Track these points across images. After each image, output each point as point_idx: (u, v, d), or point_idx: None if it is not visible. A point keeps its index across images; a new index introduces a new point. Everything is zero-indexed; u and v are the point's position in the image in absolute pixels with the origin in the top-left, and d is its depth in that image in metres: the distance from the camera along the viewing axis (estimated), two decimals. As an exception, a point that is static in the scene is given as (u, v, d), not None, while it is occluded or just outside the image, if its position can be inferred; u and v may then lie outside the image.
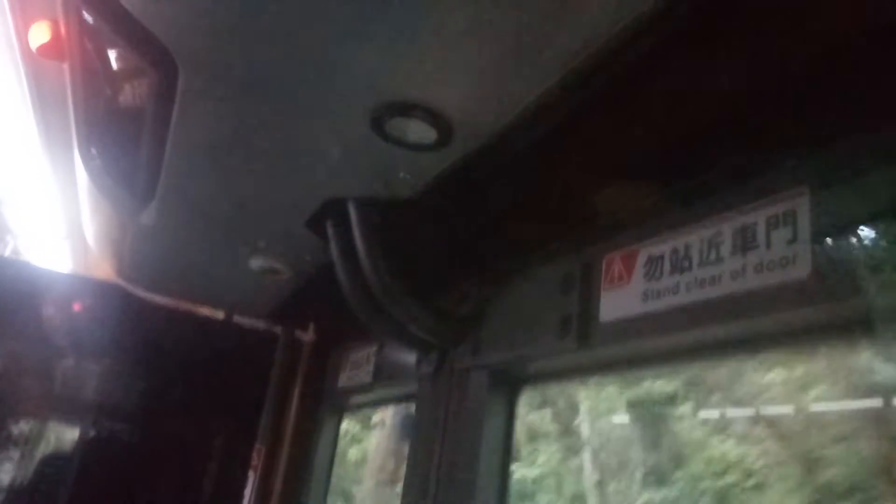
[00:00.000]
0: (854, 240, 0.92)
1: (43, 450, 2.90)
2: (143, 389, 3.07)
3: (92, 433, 2.93)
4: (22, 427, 2.87)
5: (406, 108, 1.19)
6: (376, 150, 1.34)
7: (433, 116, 1.20)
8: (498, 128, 1.23)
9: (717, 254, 1.12)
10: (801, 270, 0.97)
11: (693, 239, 1.18)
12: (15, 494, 2.81)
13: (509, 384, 1.70)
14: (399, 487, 1.94)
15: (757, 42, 0.95)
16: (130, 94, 1.42)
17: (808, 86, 0.95)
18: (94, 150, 1.70)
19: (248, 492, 2.74)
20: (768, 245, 1.03)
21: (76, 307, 2.86)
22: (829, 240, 0.95)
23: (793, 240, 1.00)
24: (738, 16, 0.94)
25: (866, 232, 0.91)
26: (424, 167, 1.40)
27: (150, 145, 1.48)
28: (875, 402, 1.70)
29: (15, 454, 2.84)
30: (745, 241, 1.08)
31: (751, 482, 2.48)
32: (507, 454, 1.64)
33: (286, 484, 2.69)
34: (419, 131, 1.25)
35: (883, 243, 0.89)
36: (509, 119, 1.20)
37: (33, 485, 2.85)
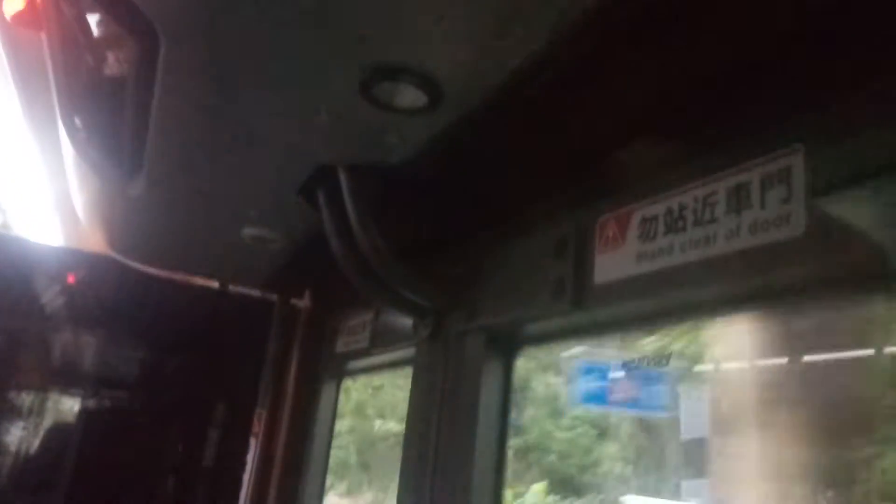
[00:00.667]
0: (848, 198, 0.92)
1: (44, 421, 2.92)
2: (141, 360, 3.09)
3: (92, 403, 2.95)
4: (23, 399, 2.89)
5: (395, 72, 1.17)
6: (366, 116, 1.32)
7: (422, 80, 1.18)
8: (489, 90, 1.21)
9: (711, 214, 1.12)
10: (795, 229, 0.96)
11: (687, 199, 1.18)
12: (18, 464, 2.84)
13: (505, 346, 1.71)
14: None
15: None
16: (112, 63, 1.39)
17: (803, 43, 0.93)
18: (77, 122, 1.66)
19: (250, 457, 2.78)
20: (763, 204, 1.03)
21: (70, 280, 2.85)
22: (823, 198, 0.94)
23: (787, 199, 0.99)
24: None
25: (861, 190, 0.90)
26: (415, 132, 1.38)
27: (135, 116, 1.45)
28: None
29: (17, 426, 2.86)
30: (739, 201, 1.07)
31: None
32: (504, 416, 1.66)
33: (287, 449, 2.73)
34: (409, 95, 1.23)
35: (877, 202, 0.89)
36: (500, 81, 1.18)
37: (36, 454, 2.88)
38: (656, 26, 1.06)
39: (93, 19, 1.26)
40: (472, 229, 1.82)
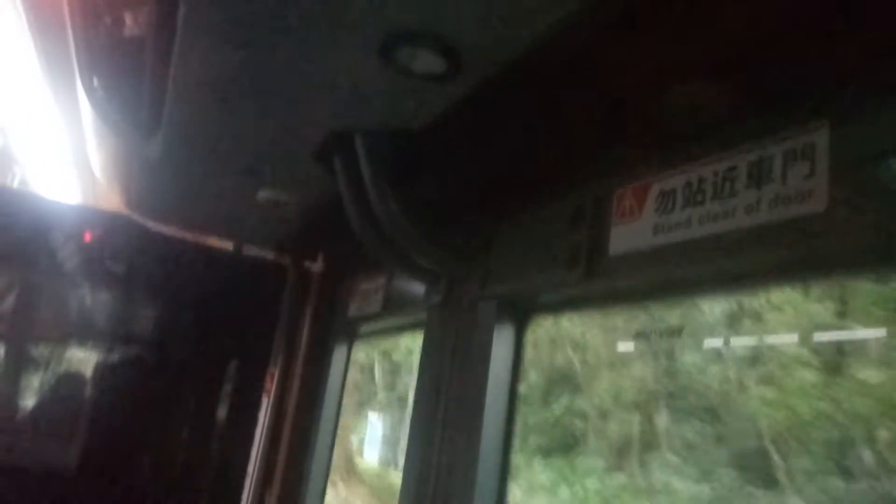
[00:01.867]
0: (872, 175, 0.90)
1: (61, 373, 2.99)
2: (156, 318, 3.14)
3: (108, 358, 3.02)
4: (41, 351, 2.96)
5: (415, 37, 1.15)
6: (384, 81, 1.31)
7: (442, 45, 1.17)
8: (509, 57, 1.19)
9: (731, 187, 1.11)
10: (817, 204, 0.96)
11: (707, 172, 1.17)
12: (36, 414, 2.92)
13: (517, 315, 1.72)
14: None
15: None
16: (131, 23, 1.38)
17: (830, 19, 0.91)
18: (96, 81, 1.66)
19: (262, 414, 2.83)
20: (784, 179, 1.02)
21: (87, 238, 2.89)
22: (846, 174, 0.93)
23: (810, 174, 0.98)
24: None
25: (885, 166, 0.89)
26: (433, 98, 1.37)
27: (153, 76, 1.45)
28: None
29: (35, 379, 2.93)
30: (760, 175, 1.06)
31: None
32: (514, 384, 1.68)
33: (299, 407, 2.78)
34: (428, 61, 1.22)
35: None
36: (520, 48, 1.16)
37: (53, 406, 2.95)
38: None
39: (112, -23, 1.25)
40: (487, 197, 1.81)
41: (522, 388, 1.66)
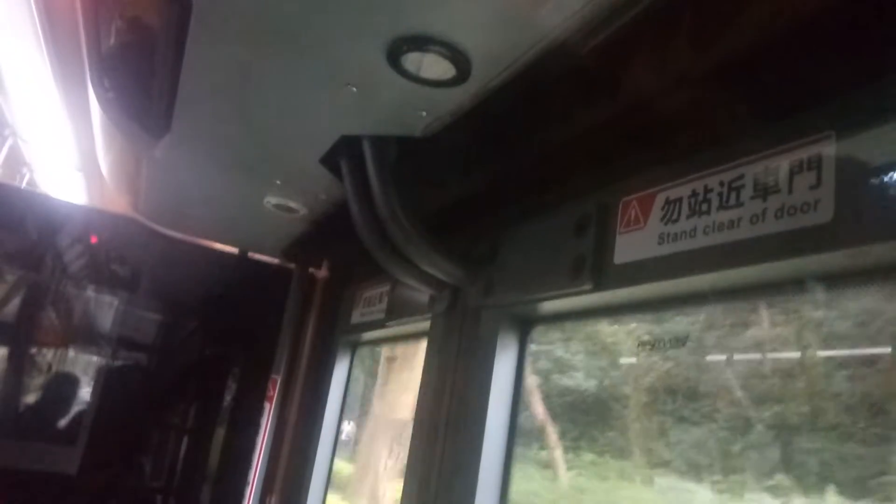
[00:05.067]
0: (879, 186, 0.90)
1: (64, 376, 3.00)
2: (160, 321, 3.14)
3: (112, 362, 3.02)
4: (44, 354, 2.96)
5: (423, 42, 1.16)
6: (392, 86, 1.31)
7: (451, 51, 1.18)
8: (517, 64, 1.20)
9: (737, 198, 1.11)
10: (823, 216, 0.95)
11: (713, 182, 1.16)
12: (38, 420, 2.92)
13: (521, 324, 1.71)
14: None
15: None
16: (143, 25, 1.39)
17: (836, 30, 0.91)
18: (106, 83, 1.68)
19: (264, 420, 2.83)
20: (790, 190, 1.02)
21: (93, 240, 2.90)
22: (853, 186, 0.93)
23: (816, 185, 0.98)
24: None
25: (891, 179, 0.89)
26: (441, 103, 1.38)
27: (163, 79, 1.46)
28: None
29: (38, 380, 2.93)
30: (766, 186, 1.06)
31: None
32: (517, 393, 1.67)
33: (301, 414, 2.78)
34: (436, 66, 1.23)
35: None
36: (529, 55, 1.17)
37: (56, 409, 2.95)
38: (687, 7, 1.05)
39: (125, -20, 1.27)
40: (493, 204, 1.81)
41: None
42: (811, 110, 1.03)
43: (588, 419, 1.63)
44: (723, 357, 1.25)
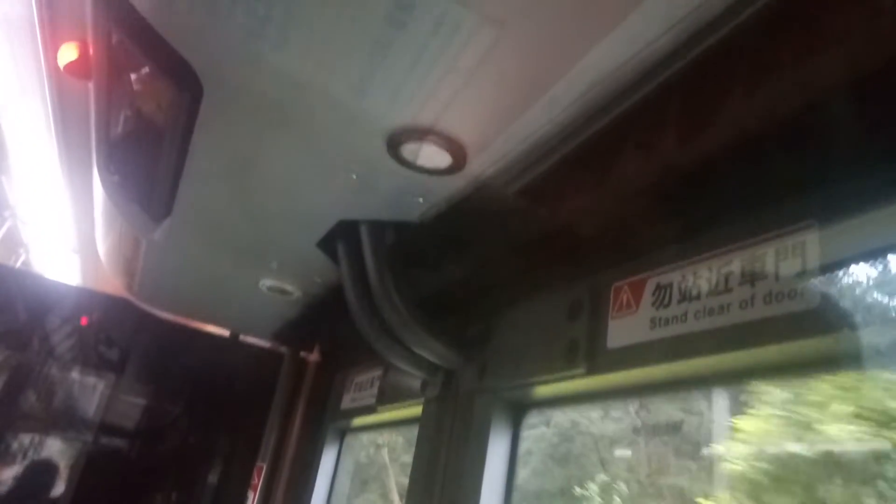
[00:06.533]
0: (862, 272, 0.94)
1: (42, 461, 2.90)
2: (146, 404, 3.08)
3: (92, 448, 2.93)
4: (22, 439, 2.87)
5: (421, 133, 1.22)
6: (390, 173, 1.36)
7: (448, 141, 1.23)
8: (511, 155, 1.25)
9: (725, 283, 1.14)
10: (809, 301, 0.98)
11: (702, 268, 1.20)
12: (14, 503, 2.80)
13: (514, 408, 1.70)
14: None
15: (766, 79, 0.98)
16: (152, 113, 1.45)
17: (817, 122, 0.97)
18: (112, 168, 1.73)
19: (246, 511, 2.72)
20: (777, 276, 1.05)
21: (83, 321, 2.88)
22: (837, 272, 0.96)
23: (802, 271, 1.01)
24: (750, 53, 0.96)
25: (874, 265, 0.93)
26: (437, 191, 1.43)
27: (169, 162, 1.51)
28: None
29: (15, 466, 2.83)
30: (754, 272, 1.09)
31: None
32: (510, 478, 1.64)
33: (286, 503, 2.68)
34: (433, 155, 1.28)
35: (890, 276, 0.91)
36: (523, 147, 1.22)
37: (32, 495, 2.84)
38: (673, 99, 1.11)
39: (140, 71, 1.34)
40: (487, 289, 1.84)
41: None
42: (793, 199, 1.07)
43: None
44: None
